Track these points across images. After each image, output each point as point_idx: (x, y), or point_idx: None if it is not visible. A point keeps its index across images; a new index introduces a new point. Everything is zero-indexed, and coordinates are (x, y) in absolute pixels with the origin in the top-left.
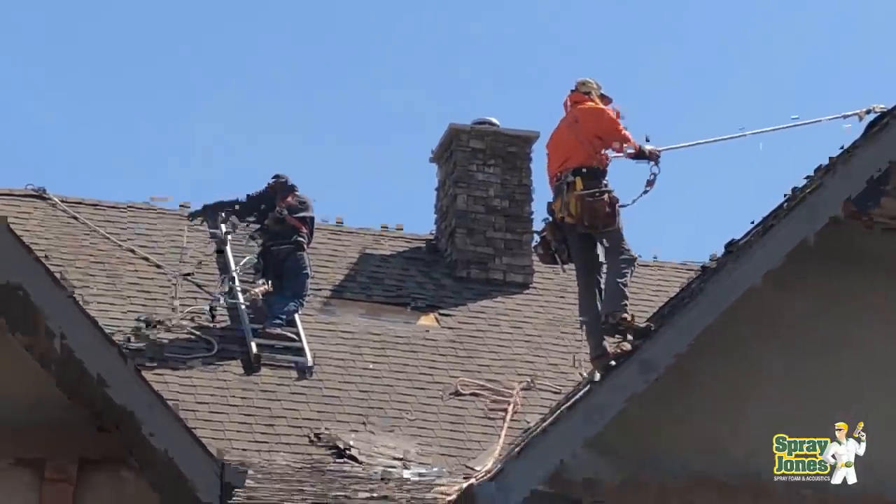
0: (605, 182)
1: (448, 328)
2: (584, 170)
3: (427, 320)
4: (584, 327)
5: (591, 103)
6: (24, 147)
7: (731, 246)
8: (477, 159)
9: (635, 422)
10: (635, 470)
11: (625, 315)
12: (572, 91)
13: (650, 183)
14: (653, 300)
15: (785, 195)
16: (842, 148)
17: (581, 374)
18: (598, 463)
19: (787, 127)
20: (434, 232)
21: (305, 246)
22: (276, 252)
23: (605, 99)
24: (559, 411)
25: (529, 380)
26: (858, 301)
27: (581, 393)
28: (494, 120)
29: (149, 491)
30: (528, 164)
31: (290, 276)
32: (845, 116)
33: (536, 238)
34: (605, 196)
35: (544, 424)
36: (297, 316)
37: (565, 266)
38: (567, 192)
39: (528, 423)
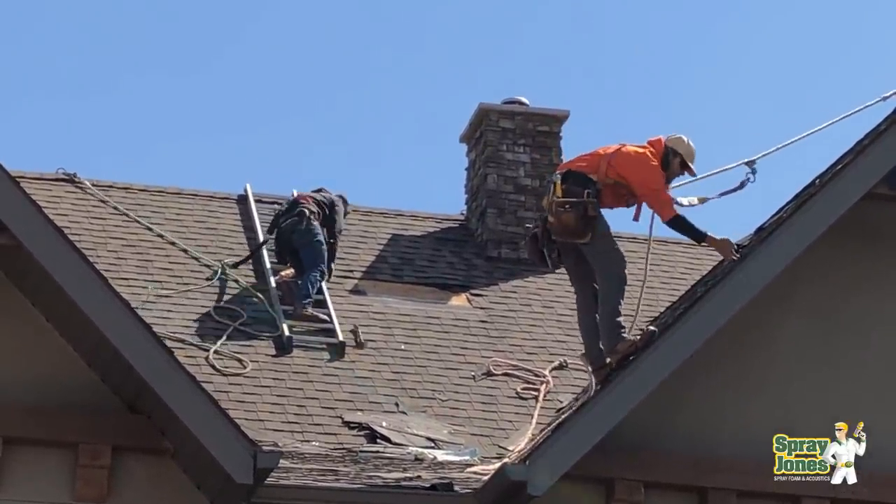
0: (588, 191)
1: (480, 308)
2: (573, 174)
3: (458, 301)
4: (581, 336)
5: (643, 151)
6: (55, 132)
7: (761, 231)
8: (507, 139)
9: (667, 402)
10: (667, 449)
11: (623, 346)
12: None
13: (741, 186)
14: (685, 278)
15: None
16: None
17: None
18: (631, 443)
19: (837, 121)
20: (464, 212)
21: (310, 212)
22: (285, 228)
23: (685, 168)
24: (591, 391)
25: (562, 360)
26: (890, 279)
27: (614, 375)
28: (524, 99)
29: (183, 475)
30: (559, 144)
31: (303, 247)
32: (885, 98)
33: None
34: (579, 207)
35: (577, 405)
36: (327, 295)
37: (556, 268)
38: (550, 193)
39: (561, 403)
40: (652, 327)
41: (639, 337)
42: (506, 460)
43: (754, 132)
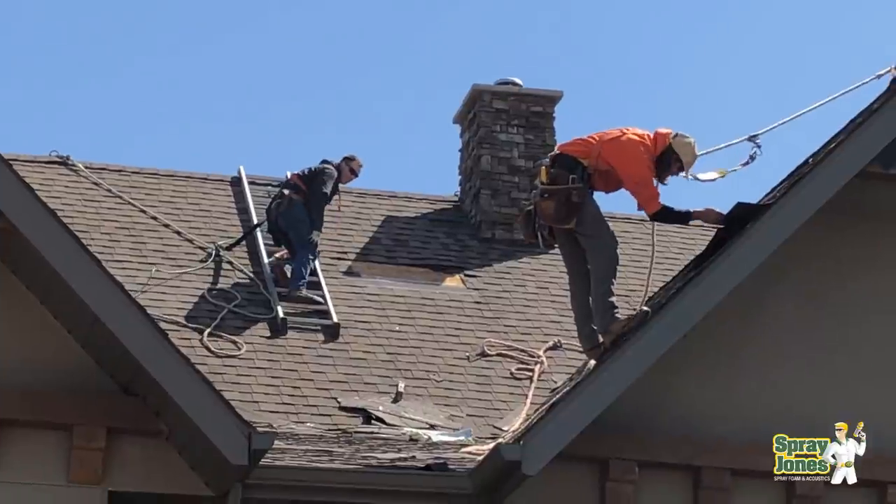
0: (573, 177)
1: (474, 289)
2: (562, 158)
3: (453, 282)
4: (574, 317)
5: (637, 141)
6: (48, 114)
7: (741, 206)
8: (500, 120)
9: (660, 382)
10: (662, 429)
11: (617, 326)
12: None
13: (751, 159)
14: (678, 259)
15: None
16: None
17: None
18: (625, 423)
19: (833, 98)
20: (458, 193)
21: (290, 193)
22: (272, 211)
23: (675, 165)
24: (586, 371)
25: (556, 340)
26: (885, 259)
27: (607, 354)
28: (517, 80)
29: (178, 456)
30: (552, 124)
31: (291, 230)
32: (879, 76)
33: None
34: (560, 195)
35: (571, 385)
36: (321, 276)
37: (548, 248)
38: (539, 176)
39: (556, 383)
40: (645, 307)
41: (632, 317)
42: (500, 440)
43: (749, 114)
